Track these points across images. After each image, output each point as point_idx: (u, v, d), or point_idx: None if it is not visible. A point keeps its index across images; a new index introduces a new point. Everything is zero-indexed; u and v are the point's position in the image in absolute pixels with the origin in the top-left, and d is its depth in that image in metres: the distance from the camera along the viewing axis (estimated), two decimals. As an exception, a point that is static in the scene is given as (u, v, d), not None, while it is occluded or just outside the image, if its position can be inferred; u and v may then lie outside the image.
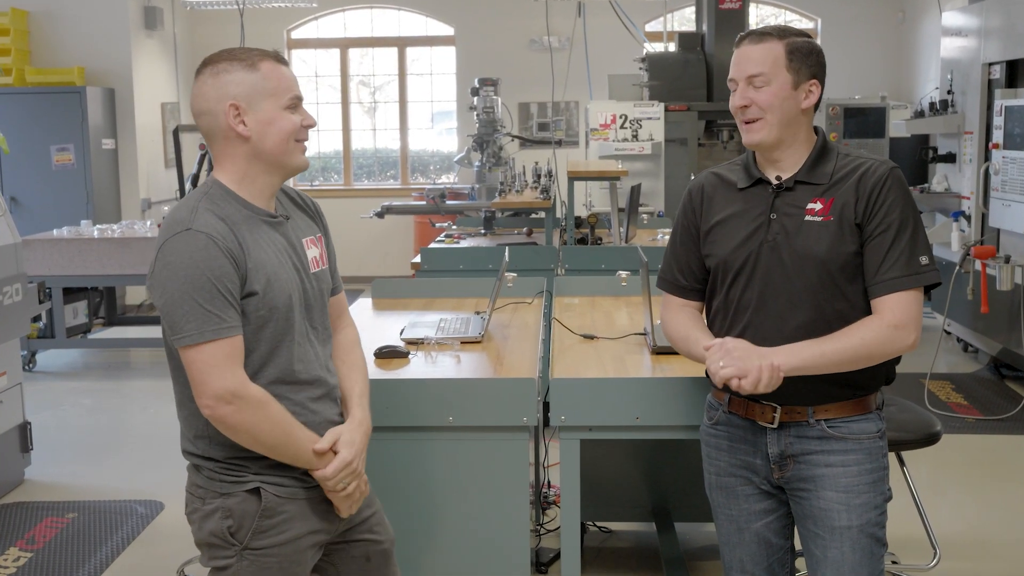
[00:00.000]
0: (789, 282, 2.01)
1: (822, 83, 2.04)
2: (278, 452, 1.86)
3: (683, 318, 2.17)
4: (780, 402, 2.03)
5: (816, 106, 2.05)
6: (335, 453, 1.91)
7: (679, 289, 2.21)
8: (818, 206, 2.00)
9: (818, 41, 2.02)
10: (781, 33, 2.02)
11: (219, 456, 1.88)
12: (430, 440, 2.41)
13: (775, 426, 2.05)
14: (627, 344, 2.86)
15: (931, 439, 2.91)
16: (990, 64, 5.96)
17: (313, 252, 1.98)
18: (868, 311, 2.00)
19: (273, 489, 1.88)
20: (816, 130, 2.09)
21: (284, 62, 1.92)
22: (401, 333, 2.97)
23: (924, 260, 1.98)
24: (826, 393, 2.01)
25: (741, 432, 2.11)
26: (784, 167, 2.05)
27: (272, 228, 1.91)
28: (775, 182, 2.05)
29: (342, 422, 1.99)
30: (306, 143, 1.94)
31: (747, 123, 2.03)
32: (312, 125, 1.93)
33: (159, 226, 6.88)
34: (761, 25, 9.84)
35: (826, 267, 1.99)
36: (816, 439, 2.03)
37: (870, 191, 1.97)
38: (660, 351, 2.70)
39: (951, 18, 6.58)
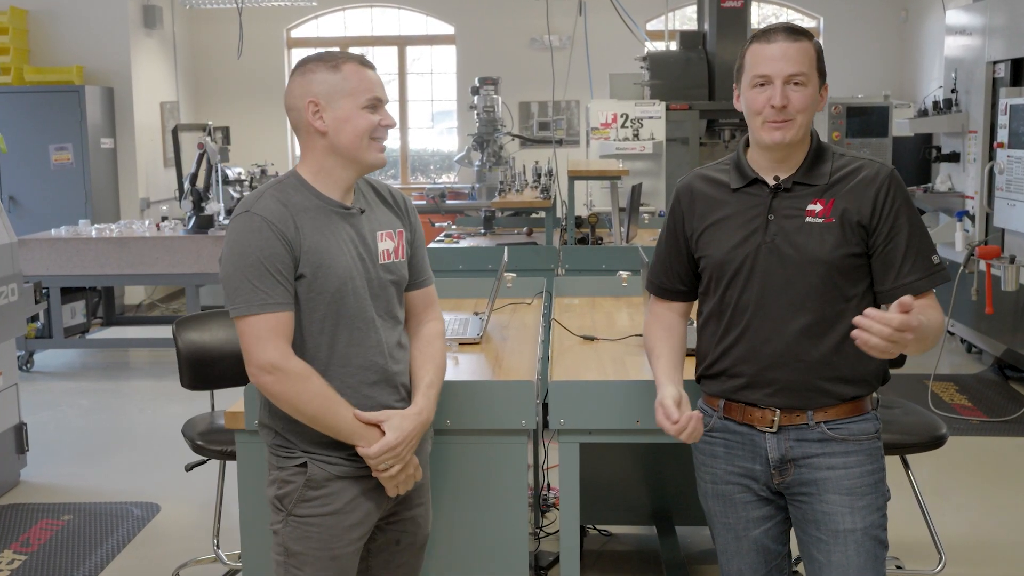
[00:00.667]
0: (789, 284, 1.97)
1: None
2: (319, 423, 1.96)
3: (657, 331, 2.15)
4: (779, 405, 1.99)
5: None
6: (383, 434, 1.99)
7: (662, 291, 2.18)
8: (818, 207, 1.97)
9: (820, 40, 1.97)
10: (808, 34, 2.00)
11: (276, 427, 2.03)
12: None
13: (774, 430, 2.01)
14: (627, 346, 2.82)
15: (936, 442, 2.86)
16: (994, 62, 5.92)
17: (387, 245, 2.08)
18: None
19: (319, 464, 2.00)
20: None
21: (368, 65, 2.03)
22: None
23: (936, 259, 1.99)
24: (825, 395, 1.99)
25: (738, 438, 2.06)
26: (782, 168, 2.02)
27: (343, 219, 2.02)
28: (773, 183, 2.01)
29: (398, 407, 2.06)
30: (383, 142, 2.04)
31: (778, 122, 1.95)
32: (391, 125, 2.03)
33: (157, 226, 6.85)
34: (763, 24, 9.81)
35: (828, 269, 1.96)
36: (817, 441, 2.00)
37: (875, 195, 1.96)
38: (661, 353, 2.65)
39: (955, 16, 6.54)
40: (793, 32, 1.98)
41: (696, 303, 2.18)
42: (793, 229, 1.97)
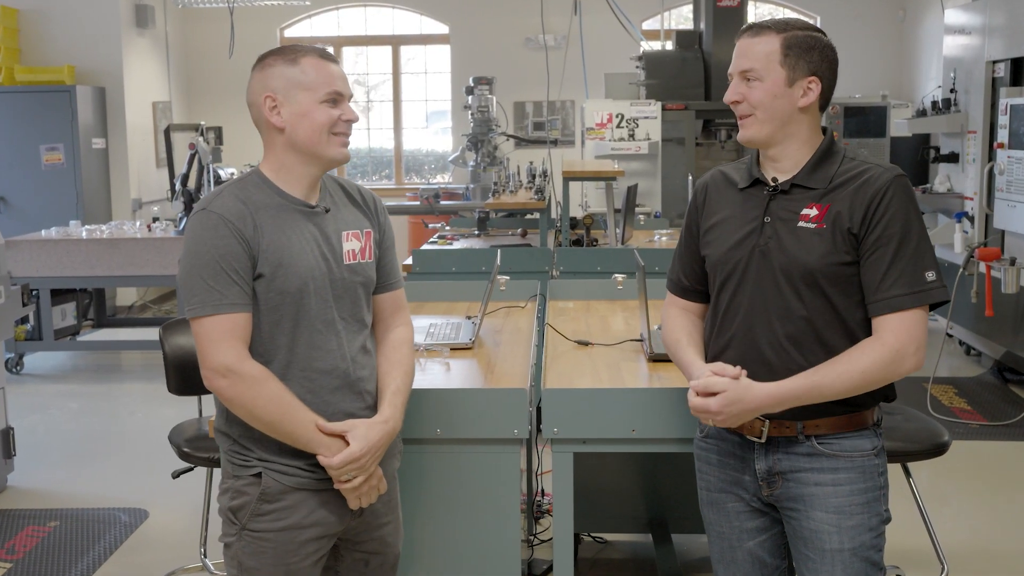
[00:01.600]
0: (779, 291, 1.90)
1: (825, 80, 1.92)
2: (275, 430, 1.89)
3: (679, 323, 2.08)
4: (769, 416, 1.92)
5: (824, 105, 1.94)
6: (347, 443, 1.92)
7: (681, 290, 2.12)
8: (813, 212, 1.89)
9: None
10: (781, 26, 1.91)
11: (232, 434, 1.96)
12: (417, 453, 2.30)
13: (763, 441, 1.94)
14: (623, 351, 2.77)
15: (939, 450, 2.80)
16: (994, 62, 5.87)
17: (353, 245, 2.01)
18: (862, 323, 1.89)
19: (275, 475, 1.93)
20: (825, 131, 1.98)
21: (329, 58, 1.97)
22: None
23: (931, 276, 1.86)
24: (817, 407, 1.90)
25: (730, 446, 2.01)
26: (783, 168, 1.95)
27: (306, 217, 1.96)
28: (771, 183, 1.95)
29: (361, 415, 1.99)
30: (346, 137, 1.98)
31: (739, 118, 1.94)
32: (352, 120, 1.97)
33: (148, 227, 6.78)
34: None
35: (815, 277, 1.88)
36: (805, 456, 1.93)
37: (869, 200, 1.85)
38: (657, 358, 2.60)
39: (954, 15, 6.49)
40: (760, 27, 1.92)
41: None
42: (785, 233, 1.91)
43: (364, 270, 2.03)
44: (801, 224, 1.89)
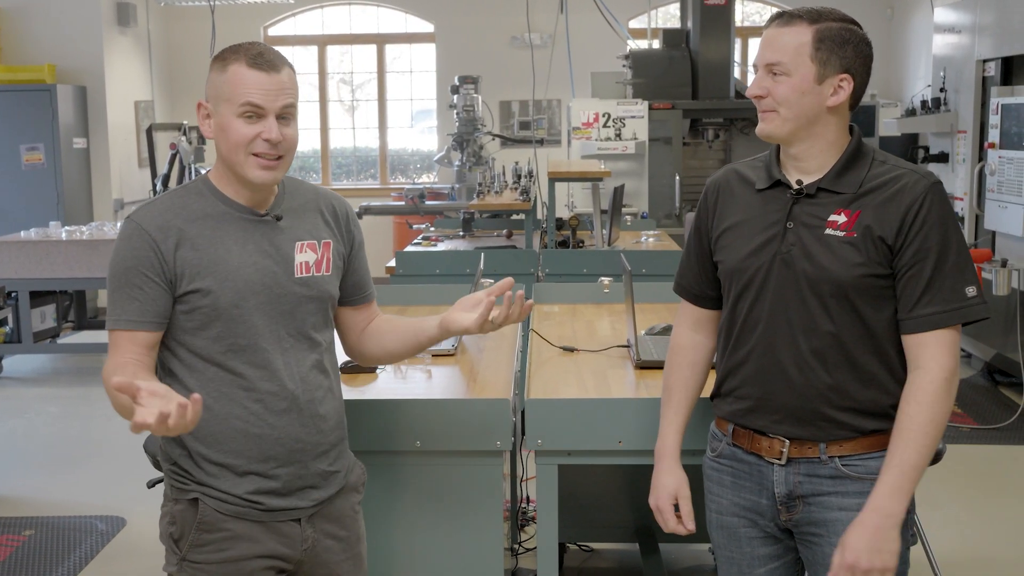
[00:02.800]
0: (803, 302, 1.77)
1: (858, 78, 1.76)
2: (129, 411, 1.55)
3: (684, 360, 1.98)
4: (788, 434, 1.81)
5: (854, 104, 1.80)
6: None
7: (694, 297, 1.99)
8: (841, 219, 1.75)
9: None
10: (815, 16, 1.76)
11: (174, 458, 1.84)
12: (396, 465, 2.23)
13: (783, 462, 1.82)
14: (609, 357, 2.69)
15: (933, 459, 2.73)
16: (984, 61, 5.83)
17: (306, 257, 1.84)
18: (892, 340, 1.77)
19: (213, 503, 1.80)
20: (852, 130, 1.83)
21: (260, 66, 1.74)
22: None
23: (971, 292, 1.72)
24: (839, 426, 1.78)
25: (746, 468, 1.88)
26: (807, 169, 1.81)
27: (251, 226, 1.81)
28: (795, 186, 1.81)
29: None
30: (268, 160, 1.76)
31: (762, 112, 1.80)
32: (270, 140, 1.74)
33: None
34: (746, 23, 9.73)
35: (843, 289, 1.74)
36: (829, 478, 1.80)
37: (905, 210, 1.72)
38: (644, 365, 2.53)
39: (943, 14, 6.45)
40: (791, 16, 1.77)
41: None
42: (811, 241, 1.76)
43: (319, 284, 1.86)
44: (828, 231, 1.75)
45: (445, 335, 1.97)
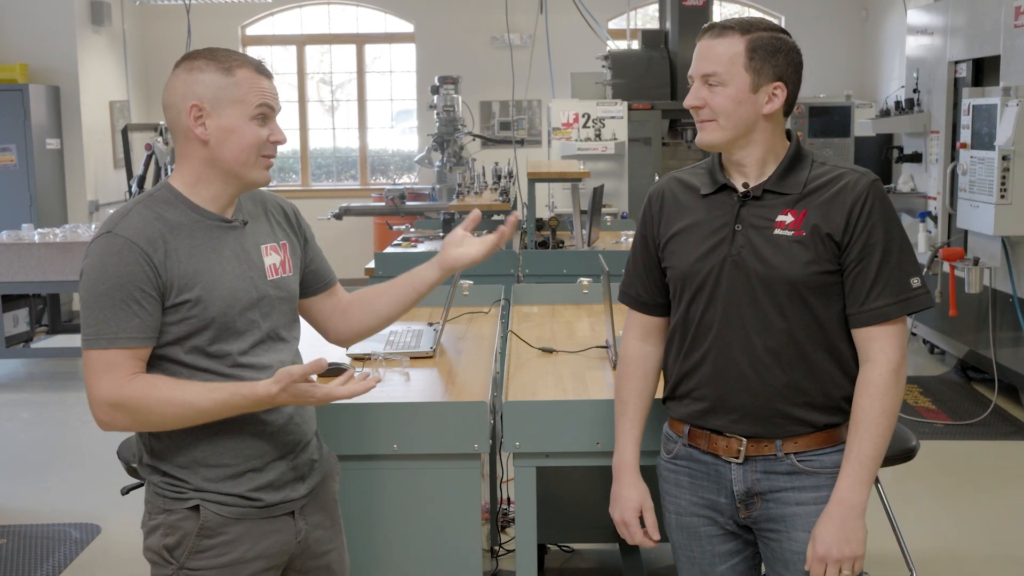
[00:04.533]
0: (756, 302, 1.81)
1: (791, 85, 1.83)
2: (193, 419, 1.74)
3: (635, 373, 2.00)
4: (745, 433, 1.85)
5: (788, 111, 1.85)
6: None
7: (641, 305, 2.02)
8: (789, 218, 1.80)
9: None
10: (746, 27, 1.81)
11: (163, 469, 1.82)
12: (373, 469, 2.22)
13: (741, 461, 1.86)
14: (588, 358, 2.70)
15: (906, 455, 2.77)
16: (956, 62, 5.89)
17: (273, 259, 1.88)
18: (842, 335, 1.83)
19: (214, 508, 1.80)
20: (788, 135, 1.90)
21: (265, 73, 1.82)
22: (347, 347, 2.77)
23: (916, 283, 1.80)
24: (794, 422, 1.83)
25: (703, 468, 1.91)
26: (749, 174, 1.86)
27: (224, 233, 1.82)
28: (741, 189, 1.86)
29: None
30: (272, 160, 1.84)
31: (700, 122, 1.86)
32: (280, 142, 1.83)
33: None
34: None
35: (796, 287, 1.79)
36: (785, 475, 1.85)
37: (849, 208, 1.78)
38: (622, 367, 2.53)
39: (916, 16, 6.51)
40: (723, 27, 1.83)
41: None
42: (760, 242, 1.82)
43: (287, 284, 1.91)
44: (778, 231, 1.80)
45: (448, 273, 2.04)
